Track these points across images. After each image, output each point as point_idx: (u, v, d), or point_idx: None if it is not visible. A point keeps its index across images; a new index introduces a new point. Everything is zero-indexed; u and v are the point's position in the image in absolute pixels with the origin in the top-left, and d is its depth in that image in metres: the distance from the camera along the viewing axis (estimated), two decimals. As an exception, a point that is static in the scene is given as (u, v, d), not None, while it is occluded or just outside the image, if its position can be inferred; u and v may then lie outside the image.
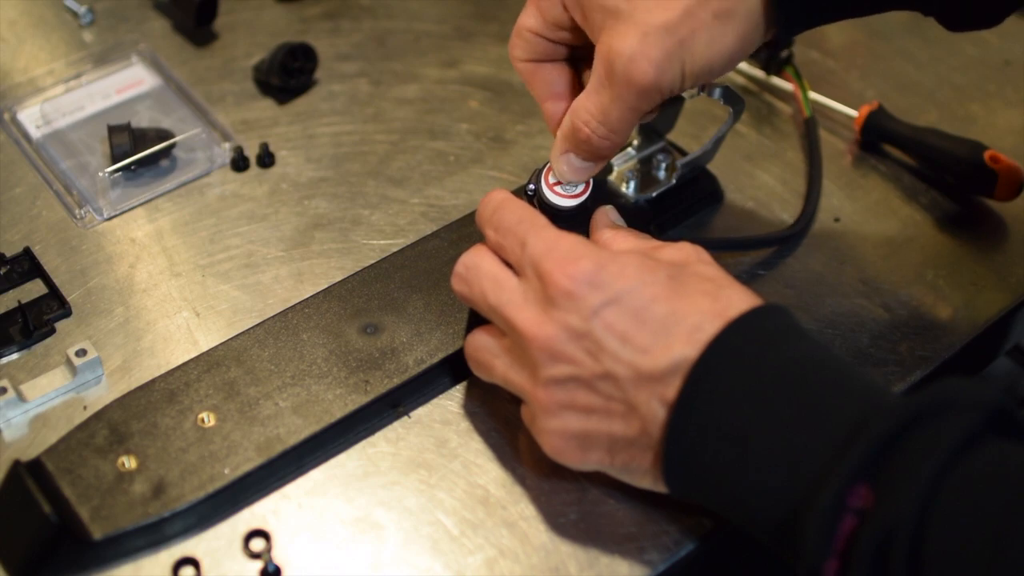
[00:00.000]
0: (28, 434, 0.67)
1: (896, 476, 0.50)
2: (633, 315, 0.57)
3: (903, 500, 0.49)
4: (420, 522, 0.64)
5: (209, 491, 0.62)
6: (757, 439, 0.54)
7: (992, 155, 0.78)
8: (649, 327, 0.57)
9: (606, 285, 0.58)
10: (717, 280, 0.60)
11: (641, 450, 0.59)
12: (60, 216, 0.78)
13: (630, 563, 0.62)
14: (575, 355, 0.58)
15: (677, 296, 0.58)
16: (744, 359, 0.56)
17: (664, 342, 0.57)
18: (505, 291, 0.61)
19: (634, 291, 0.58)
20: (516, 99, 0.87)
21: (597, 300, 0.58)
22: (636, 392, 0.57)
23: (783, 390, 0.55)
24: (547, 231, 0.61)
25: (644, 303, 0.58)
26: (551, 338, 0.59)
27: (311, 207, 0.79)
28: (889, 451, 0.51)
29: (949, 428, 0.51)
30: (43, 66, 0.88)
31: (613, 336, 0.57)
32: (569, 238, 0.61)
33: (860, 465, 0.51)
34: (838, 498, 0.51)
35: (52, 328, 0.71)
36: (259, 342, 0.68)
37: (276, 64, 0.85)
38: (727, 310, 0.57)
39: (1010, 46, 0.92)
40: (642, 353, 0.57)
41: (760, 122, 0.86)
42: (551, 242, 0.60)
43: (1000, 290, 0.76)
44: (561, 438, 0.60)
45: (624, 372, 0.57)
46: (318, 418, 0.65)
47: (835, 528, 0.51)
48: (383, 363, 0.68)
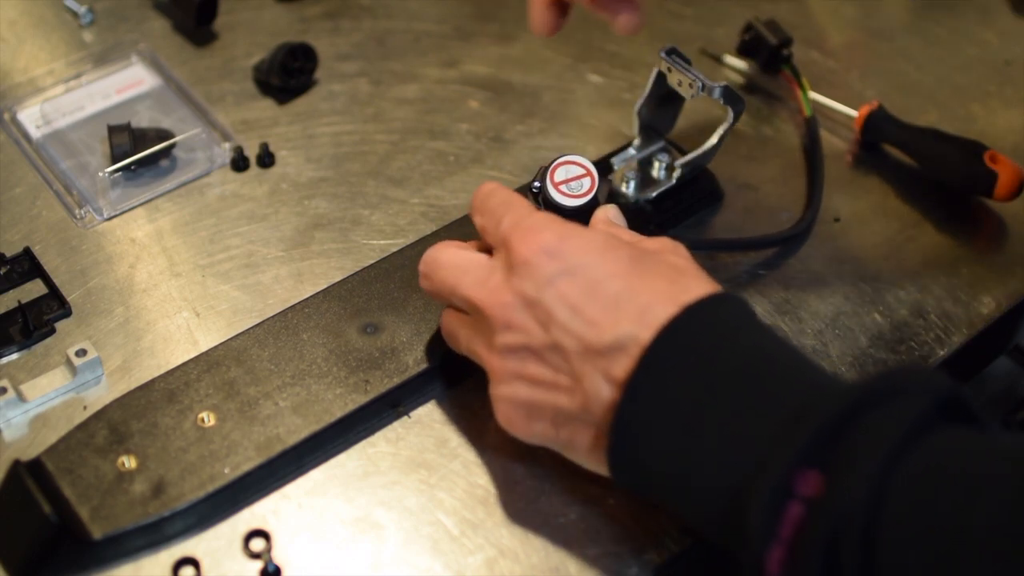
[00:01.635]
0: (28, 434, 0.67)
1: (845, 462, 0.49)
2: (587, 288, 0.58)
3: (854, 487, 0.49)
4: (420, 522, 0.64)
5: (209, 491, 0.62)
6: (703, 426, 0.54)
7: (992, 155, 0.78)
8: (600, 301, 0.58)
9: (565, 256, 0.59)
10: (680, 268, 0.60)
11: (583, 426, 0.59)
12: (60, 216, 0.78)
13: (630, 563, 0.62)
14: (527, 324, 0.59)
15: (634, 275, 0.58)
16: (695, 346, 0.56)
17: (613, 317, 0.57)
18: (468, 273, 0.62)
19: (592, 265, 0.58)
20: (516, 99, 0.87)
21: (553, 269, 0.59)
22: (581, 365, 0.57)
23: (733, 378, 0.55)
24: (523, 209, 0.63)
25: (600, 277, 0.58)
26: (505, 305, 0.60)
27: (311, 207, 0.79)
28: (838, 436, 0.50)
29: (900, 414, 0.50)
30: (43, 66, 0.88)
31: (564, 306, 0.58)
32: (542, 215, 0.62)
33: (806, 449, 0.50)
34: (783, 482, 0.50)
35: (52, 328, 0.71)
36: (259, 342, 0.68)
37: (276, 64, 0.85)
38: (682, 295, 0.57)
39: (1010, 46, 0.92)
40: (590, 326, 0.57)
41: (760, 122, 0.86)
42: (522, 216, 0.62)
43: (1000, 290, 0.76)
44: (510, 406, 0.61)
45: (571, 344, 0.58)
46: (318, 418, 0.65)
47: (780, 514, 0.50)
48: (383, 363, 0.68)
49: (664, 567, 0.63)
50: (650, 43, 0.91)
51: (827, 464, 0.50)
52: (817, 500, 0.49)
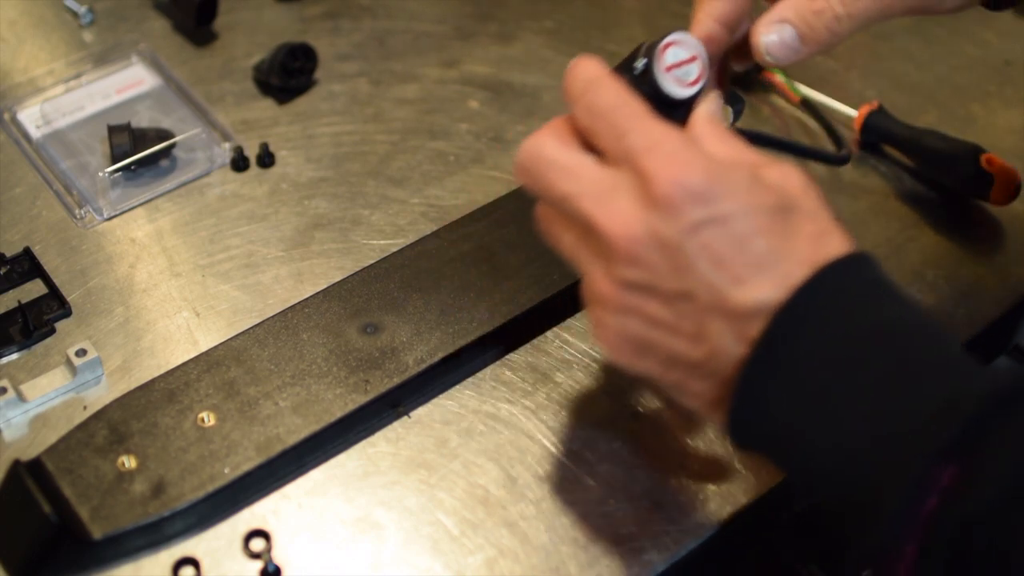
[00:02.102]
0: (28, 434, 0.67)
1: (985, 459, 0.48)
2: (734, 242, 0.53)
3: (991, 484, 0.47)
4: (420, 522, 0.64)
5: (209, 490, 0.62)
6: (840, 401, 0.51)
7: (988, 158, 0.78)
8: (748, 259, 0.52)
9: (712, 201, 0.53)
10: (821, 223, 0.54)
11: (701, 377, 0.55)
12: (60, 216, 0.78)
13: (630, 563, 0.62)
14: (658, 265, 0.54)
15: (783, 234, 0.53)
16: (833, 314, 0.52)
17: (758, 280, 0.52)
18: (581, 181, 0.56)
19: (741, 216, 0.53)
20: (516, 99, 0.87)
21: (699, 215, 0.53)
22: (712, 320, 0.53)
23: (873, 352, 0.51)
24: (651, 123, 0.55)
25: (749, 232, 0.53)
26: (636, 240, 0.54)
27: (311, 207, 0.79)
28: (979, 432, 0.48)
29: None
30: (43, 66, 0.88)
31: (707, 258, 0.53)
32: (676, 137, 0.55)
33: (949, 444, 0.48)
34: (923, 476, 0.48)
35: (52, 328, 0.71)
36: (259, 342, 0.68)
37: (276, 64, 0.85)
38: (820, 254, 0.53)
39: (1010, 46, 0.92)
40: (734, 283, 0.52)
41: (760, 122, 0.86)
42: (657, 138, 0.54)
43: (1000, 290, 0.76)
44: (618, 337, 0.56)
45: (707, 297, 0.53)
46: (318, 417, 0.65)
47: (918, 506, 0.48)
48: (383, 363, 0.68)
49: (664, 567, 0.63)
50: (650, 43, 0.91)
51: (965, 459, 0.48)
52: (952, 492, 0.48)
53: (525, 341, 0.71)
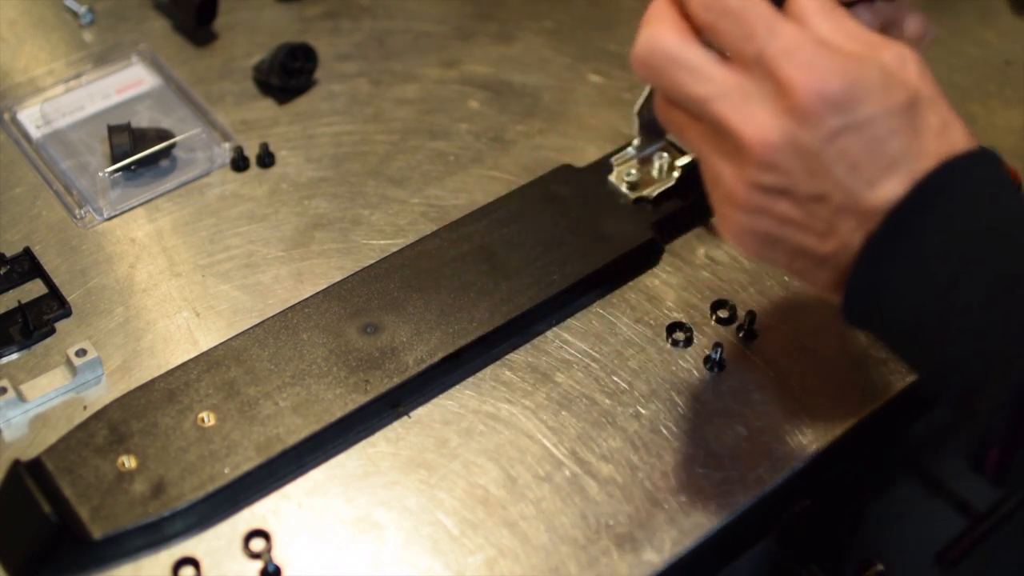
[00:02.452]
0: (28, 434, 0.67)
1: None
2: (871, 145, 0.54)
3: None
4: (420, 522, 0.64)
5: (209, 490, 0.62)
6: (952, 296, 0.52)
7: None
8: (882, 161, 0.54)
9: (851, 109, 0.53)
10: (943, 113, 0.55)
11: (827, 269, 0.56)
12: (60, 216, 0.78)
13: (630, 563, 0.62)
14: (793, 170, 0.55)
15: (914, 132, 0.54)
16: (950, 209, 0.53)
17: (890, 179, 0.54)
18: (711, 83, 0.56)
19: (877, 120, 0.54)
20: (516, 99, 0.87)
21: (838, 123, 0.53)
22: (845, 218, 0.54)
23: (987, 251, 0.52)
24: (781, 24, 0.55)
25: (883, 134, 0.54)
26: (774, 147, 0.54)
27: (311, 207, 0.79)
28: None
29: None
30: (43, 66, 0.88)
31: (844, 163, 0.54)
32: (810, 39, 0.54)
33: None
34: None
35: (52, 328, 0.71)
36: (259, 342, 0.68)
37: (276, 64, 0.85)
38: (946, 148, 0.54)
39: (1010, 46, 0.92)
40: (867, 185, 0.54)
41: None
42: (791, 41, 0.54)
43: (1000, 290, 0.76)
44: (747, 233, 0.58)
45: (841, 199, 0.54)
46: (318, 417, 0.65)
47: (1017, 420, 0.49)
48: (383, 363, 0.68)
49: (664, 567, 0.63)
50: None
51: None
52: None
53: (526, 341, 0.71)
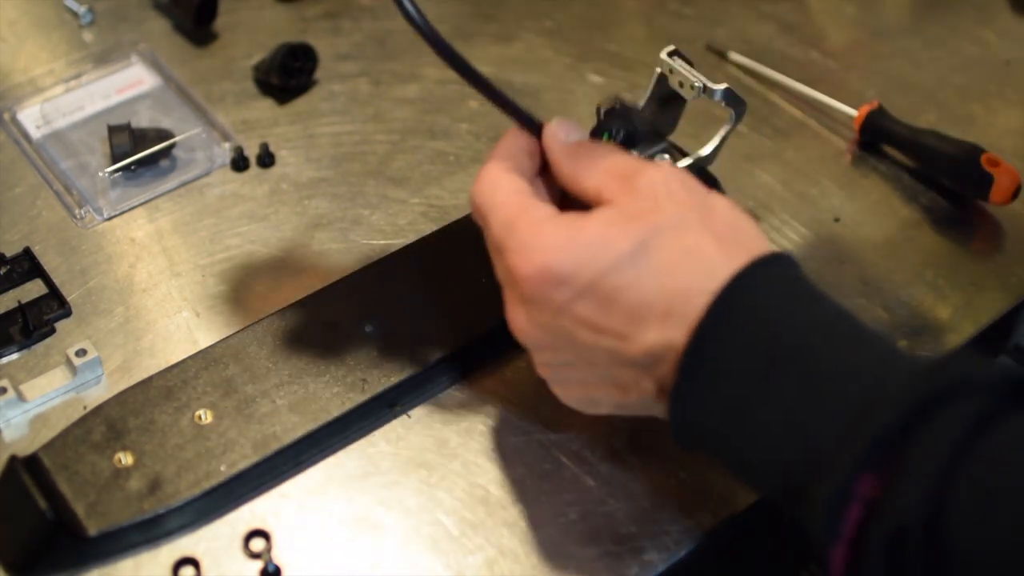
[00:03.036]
0: (28, 434, 0.67)
1: (903, 467, 0.49)
2: (603, 306, 0.55)
3: (912, 491, 0.48)
4: (420, 522, 0.64)
5: (205, 488, 0.62)
6: (759, 419, 0.53)
7: (989, 158, 0.78)
8: (619, 316, 0.55)
9: (570, 280, 0.55)
10: (686, 240, 0.55)
11: (646, 410, 0.59)
12: (60, 216, 0.78)
13: (630, 563, 0.62)
14: (556, 344, 0.58)
15: (644, 276, 0.55)
16: (734, 336, 0.53)
17: (639, 329, 0.55)
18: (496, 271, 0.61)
19: (600, 281, 0.55)
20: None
21: (562, 297, 0.56)
22: (622, 372, 0.57)
23: (781, 366, 0.53)
24: (500, 209, 0.58)
25: (612, 292, 0.55)
26: (528, 332, 0.58)
27: (311, 207, 0.79)
28: (895, 440, 0.49)
29: (959, 414, 0.49)
30: (43, 66, 0.88)
31: (586, 329, 0.56)
32: (523, 218, 0.57)
33: (863, 455, 0.49)
34: (842, 488, 0.49)
35: (52, 328, 0.71)
36: (257, 340, 0.68)
37: (276, 64, 0.85)
38: (706, 281, 0.54)
39: (1010, 46, 0.92)
40: (619, 340, 0.55)
41: (760, 122, 0.86)
42: (503, 226, 0.58)
43: (1000, 290, 0.76)
44: (569, 400, 0.62)
45: (605, 359, 0.57)
46: (315, 416, 0.65)
47: (840, 517, 0.49)
48: (381, 362, 0.68)
49: (664, 567, 0.63)
50: (650, 43, 0.91)
51: (886, 468, 0.49)
52: (875, 502, 0.49)
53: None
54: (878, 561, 0.49)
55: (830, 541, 0.50)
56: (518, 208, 0.58)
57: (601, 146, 0.61)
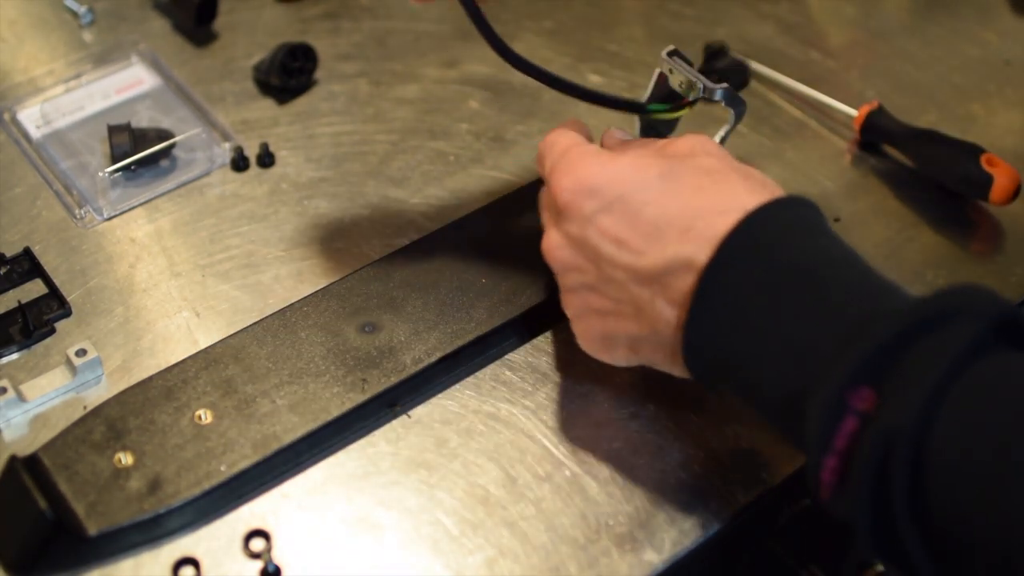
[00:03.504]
0: (28, 434, 0.67)
1: (898, 381, 0.50)
2: (626, 219, 0.60)
3: (905, 405, 0.49)
4: (420, 522, 0.64)
5: (205, 488, 0.62)
6: (764, 340, 0.56)
7: (989, 158, 0.78)
8: (640, 230, 0.59)
9: (600, 192, 0.60)
10: (714, 173, 0.60)
11: (657, 346, 0.61)
12: (60, 216, 0.78)
13: (630, 563, 0.62)
14: (580, 263, 0.62)
15: (669, 196, 0.59)
16: (751, 261, 0.56)
17: (657, 244, 0.59)
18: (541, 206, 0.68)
19: (627, 196, 0.60)
20: (516, 99, 0.87)
21: (591, 207, 0.61)
22: (639, 292, 0.60)
23: (789, 294, 0.56)
24: (560, 145, 0.65)
25: (636, 207, 0.59)
26: (557, 249, 0.63)
27: (311, 207, 0.79)
28: (893, 355, 0.51)
29: (956, 335, 0.51)
30: (43, 66, 0.88)
31: (608, 241, 0.60)
32: (575, 149, 0.64)
33: (860, 367, 0.51)
34: (837, 398, 0.51)
35: (52, 328, 0.71)
36: (257, 340, 0.68)
37: (276, 64, 0.85)
38: (726, 203, 0.58)
39: (1010, 46, 0.92)
40: (637, 255, 0.59)
41: (760, 122, 0.86)
42: (558, 155, 0.64)
43: (1000, 290, 0.76)
44: (588, 339, 0.65)
45: (623, 276, 0.60)
46: (315, 416, 0.65)
47: (835, 427, 0.51)
48: (381, 362, 0.68)
49: (664, 567, 0.63)
50: (650, 43, 0.91)
51: (881, 382, 0.51)
52: (870, 416, 0.50)
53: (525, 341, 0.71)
54: (866, 472, 0.50)
55: (823, 451, 0.52)
56: (573, 143, 0.65)
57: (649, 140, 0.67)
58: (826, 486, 0.52)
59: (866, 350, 0.51)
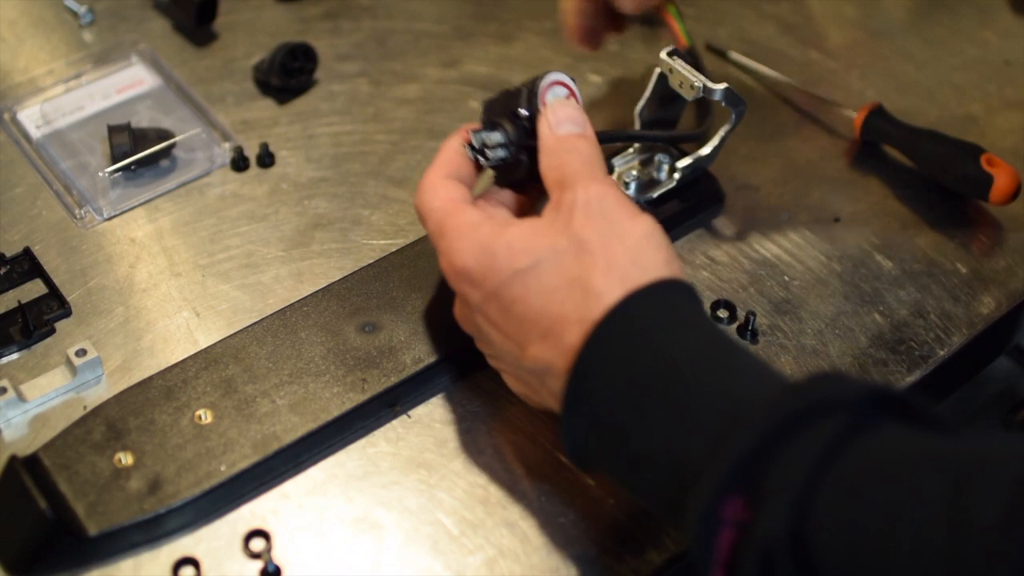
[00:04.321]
0: (28, 434, 0.67)
1: (767, 487, 0.50)
2: (502, 314, 0.60)
3: (776, 511, 0.49)
4: (420, 522, 0.64)
5: (205, 488, 0.62)
6: (635, 443, 0.55)
7: (989, 158, 0.78)
8: (514, 326, 0.60)
9: (478, 284, 0.60)
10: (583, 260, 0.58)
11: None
12: (60, 216, 0.78)
13: (630, 563, 0.62)
14: (481, 338, 0.64)
15: (531, 295, 0.58)
16: (609, 368, 0.56)
17: (527, 343, 0.59)
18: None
19: (499, 291, 0.59)
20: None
21: (474, 297, 0.61)
22: (526, 376, 0.61)
23: (654, 393, 0.55)
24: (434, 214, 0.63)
25: (507, 303, 0.59)
26: (463, 320, 0.65)
27: (311, 207, 0.79)
28: (757, 461, 0.50)
29: (819, 433, 0.50)
30: (43, 66, 0.88)
31: (494, 330, 0.61)
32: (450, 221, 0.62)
33: (726, 478, 0.50)
34: (709, 512, 0.50)
35: (52, 328, 0.71)
36: (257, 340, 0.68)
37: (276, 64, 0.85)
38: (590, 307, 0.56)
39: (1010, 46, 0.92)
40: (519, 348, 0.60)
41: (760, 122, 0.86)
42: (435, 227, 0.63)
43: (1000, 290, 0.76)
44: (511, 387, 0.65)
45: (510, 359, 0.62)
46: (315, 416, 0.65)
47: (712, 541, 0.50)
48: (381, 362, 0.68)
49: (664, 567, 0.63)
50: (650, 43, 0.91)
51: (749, 492, 0.50)
52: (745, 525, 0.50)
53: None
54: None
55: (708, 566, 0.51)
56: (448, 213, 0.62)
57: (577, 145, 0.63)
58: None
59: (730, 461, 0.50)
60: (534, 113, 0.64)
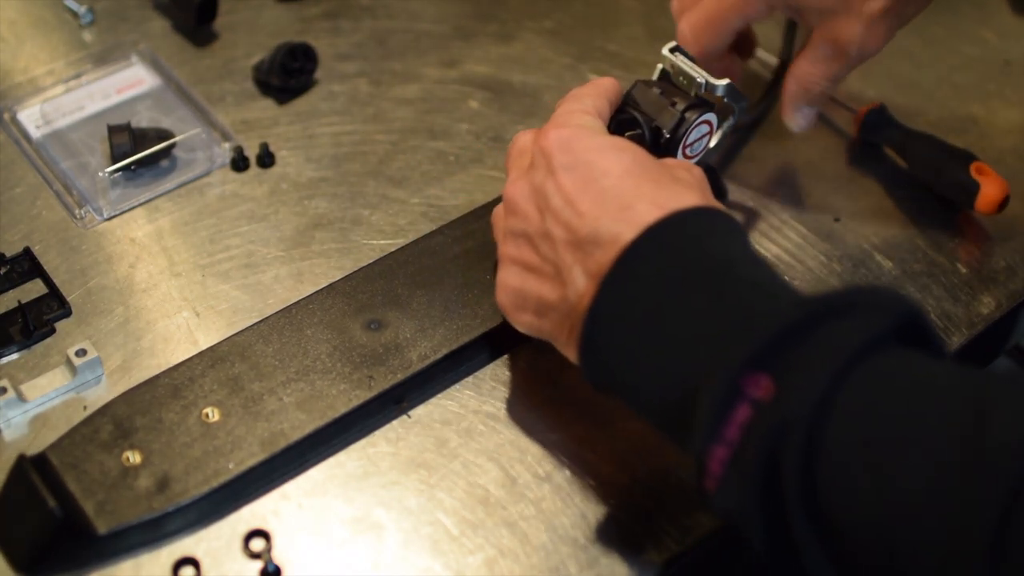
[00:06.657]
0: (28, 434, 0.67)
1: (796, 370, 0.50)
2: (583, 182, 0.61)
3: (802, 395, 0.49)
4: (420, 522, 0.64)
5: (213, 485, 0.62)
6: (664, 324, 0.56)
7: (979, 167, 0.77)
8: (590, 196, 0.61)
9: (575, 151, 0.62)
10: (681, 180, 0.62)
11: (562, 317, 0.62)
12: (60, 216, 0.78)
13: (630, 563, 0.62)
14: (528, 210, 0.63)
15: (628, 177, 0.61)
16: (669, 249, 0.58)
17: (598, 213, 0.60)
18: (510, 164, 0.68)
19: (594, 163, 0.62)
20: (516, 99, 0.87)
21: (560, 161, 0.62)
22: (565, 255, 0.61)
23: (697, 280, 0.56)
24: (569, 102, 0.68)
25: (596, 175, 0.61)
26: (516, 192, 0.64)
27: (311, 207, 0.79)
28: (791, 344, 0.51)
29: (856, 329, 0.51)
30: (43, 66, 0.88)
31: (560, 196, 0.62)
32: (579, 115, 0.66)
33: (758, 353, 0.51)
34: (733, 382, 0.51)
35: (52, 328, 0.71)
36: (263, 338, 0.68)
37: (276, 64, 0.85)
38: (670, 201, 0.59)
39: (1010, 46, 0.92)
40: (578, 216, 0.60)
41: (761, 121, 0.86)
42: (563, 110, 0.67)
43: (1000, 290, 0.76)
44: (505, 292, 0.65)
45: (559, 233, 0.61)
46: (322, 413, 0.65)
47: (727, 413, 0.51)
48: (387, 359, 0.68)
49: (664, 567, 0.63)
50: (650, 43, 0.91)
51: (778, 370, 0.50)
52: (765, 403, 0.50)
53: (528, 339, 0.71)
54: (757, 461, 0.49)
55: (712, 439, 0.51)
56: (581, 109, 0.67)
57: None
58: (712, 477, 0.52)
59: (765, 336, 0.51)
60: (675, 140, 0.71)
